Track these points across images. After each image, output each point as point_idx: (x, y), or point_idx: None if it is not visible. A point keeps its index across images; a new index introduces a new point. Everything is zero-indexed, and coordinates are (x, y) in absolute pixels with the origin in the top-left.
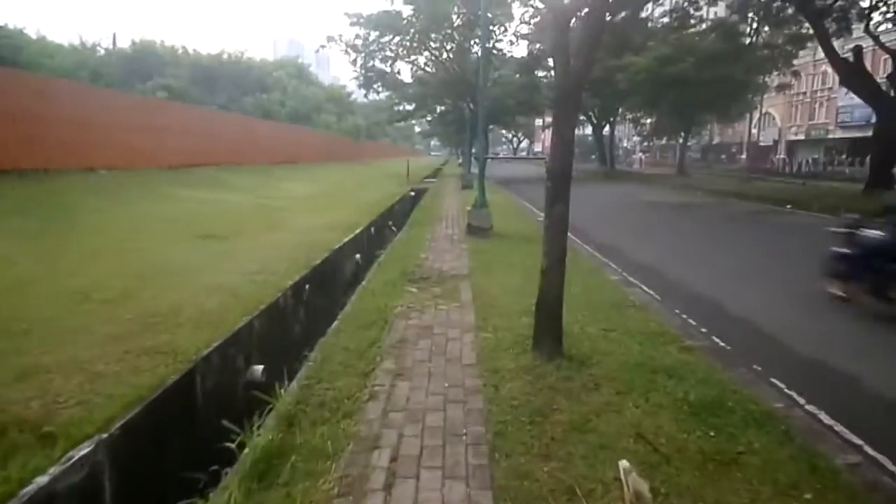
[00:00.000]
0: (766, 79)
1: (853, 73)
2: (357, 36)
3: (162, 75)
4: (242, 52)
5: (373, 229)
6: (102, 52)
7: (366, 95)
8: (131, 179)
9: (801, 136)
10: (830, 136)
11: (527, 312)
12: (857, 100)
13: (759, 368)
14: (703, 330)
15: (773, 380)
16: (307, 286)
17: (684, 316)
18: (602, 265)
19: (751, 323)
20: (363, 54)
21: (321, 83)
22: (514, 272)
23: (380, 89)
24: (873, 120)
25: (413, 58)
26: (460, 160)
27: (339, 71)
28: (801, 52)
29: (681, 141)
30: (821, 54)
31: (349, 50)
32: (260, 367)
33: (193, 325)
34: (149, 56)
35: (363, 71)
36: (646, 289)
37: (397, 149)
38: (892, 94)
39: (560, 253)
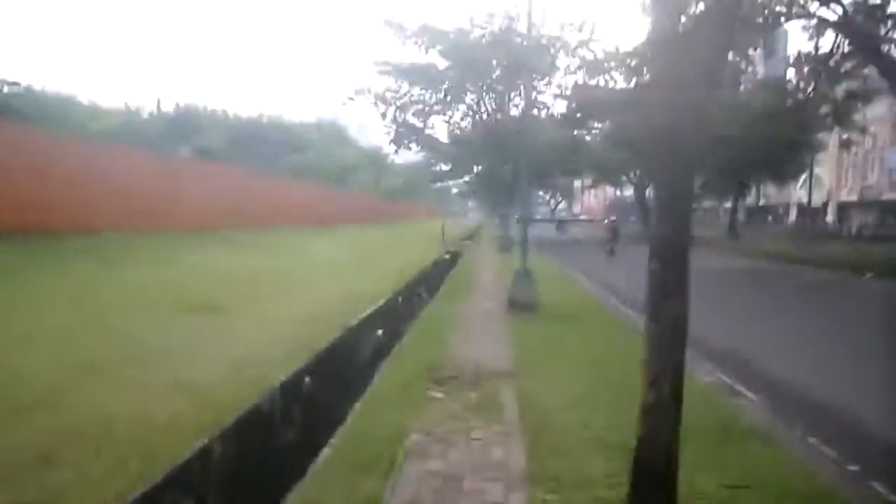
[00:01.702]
0: (821, 136)
1: None
2: (387, 89)
3: (202, 137)
4: (281, 114)
5: (400, 298)
6: (146, 115)
7: (396, 152)
8: (139, 242)
9: (854, 198)
10: (884, 196)
11: (603, 445)
12: None
13: None
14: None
15: None
16: (306, 379)
17: (828, 450)
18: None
19: None
20: (393, 107)
21: (358, 145)
22: (572, 368)
23: (412, 146)
24: None
25: (448, 113)
26: (497, 221)
27: (378, 136)
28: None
29: (730, 202)
30: (871, 112)
31: (378, 102)
32: None
33: (116, 457)
34: (190, 118)
35: (394, 126)
36: (750, 395)
37: (435, 210)
38: None
39: (675, 378)
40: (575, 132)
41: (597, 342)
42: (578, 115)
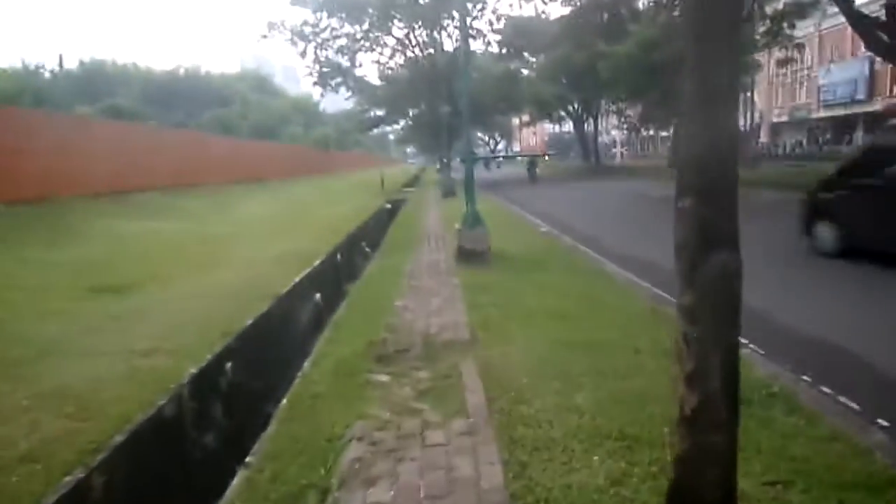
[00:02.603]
0: (758, 56)
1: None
2: (305, 22)
3: (112, 95)
4: (199, 66)
5: (339, 255)
6: (48, 74)
7: (322, 95)
8: (36, 212)
9: (784, 118)
10: (814, 115)
11: (596, 437)
12: (838, 77)
13: None
14: None
15: None
16: (220, 372)
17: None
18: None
19: None
20: (314, 44)
21: (287, 95)
22: (540, 329)
23: (339, 88)
24: (858, 97)
25: (377, 49)
26: (438, 166)
27: (308, 84)
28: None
29: (671, 130)
30: (798, 32)
31: (295, 39)
32: None
33: None
34: (98, 76)
35: (317, 66)
36: (756, 348)
37: (372, 158)
38: None
39: (727, 369)
40: (511, 66)
41: (561, 293)
42: (512, 47)
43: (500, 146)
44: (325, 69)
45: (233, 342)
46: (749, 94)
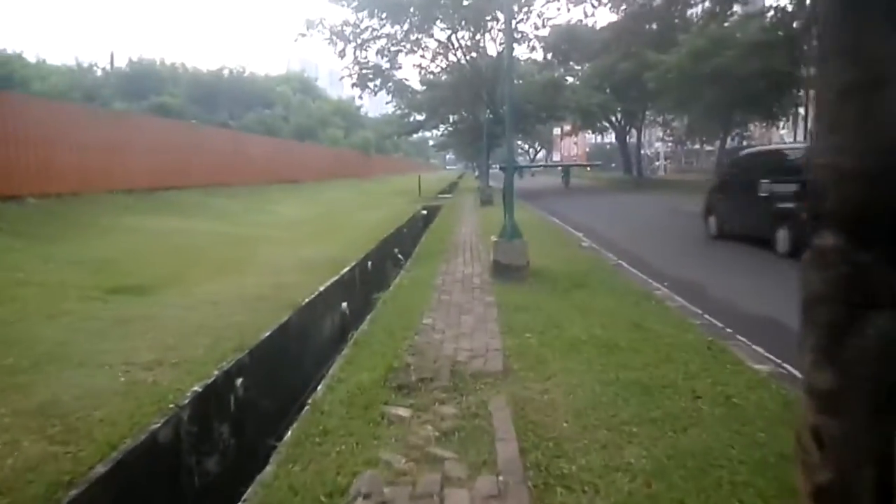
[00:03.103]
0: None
1: None
2: (345, 22)
3: (159, 94)
4: (244, 67)
5: (370, 263)
6: (99, 72)
7: (360, 96)
8: (66, 207)
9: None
10: None
11: None
12: None
13: None
14: None
15: None
16: (233, 389)
17: None
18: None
19: None
20: (353, 44)
21: (329, 97)
22: (584, 360)
23: (378, 90)
24: None
25: (418, 52)
26: (476, 173)
27: (350, 88)
28: None
29: (717, 144)
30: None
31: (334, 38)
32: None
33: None
34: (147, 75)
35: (356, 66)
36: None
37: (411, 163)
38: None
39: (886, 469)
40: (555, 74)
41: (607, 318)
42: (557, 54)
43: (540, 155)
44: (364, 70)
45: (244, 358)
46: (805, 109)
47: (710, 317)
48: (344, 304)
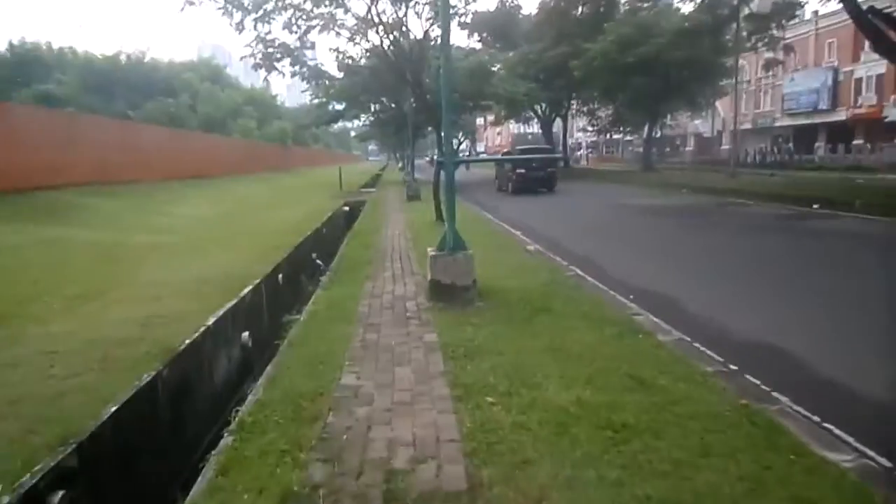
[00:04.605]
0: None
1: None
2: None
3: (46, 82)
4: (144, 52)
5: (281, 276)
6: None
7: (265, 79)
8: None
9: (748, 126)
10: (777, 123)
11: None
12: (802, 86)
13: None
14: None
15: None
16: None
17: None
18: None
19: None
20: (252, 16)
21: (241, 86)
22: (588, 462)
23: (288, 73)
24: (820, 106)
25: (332, 29)
26: (400, 164)
27: (272, 78)
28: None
29: (644, 134)
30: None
31: (230, 8)
32: None
33: None
34: (32, 60)
35: (259, 44)
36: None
37: (332, 155)
38: None
39: None
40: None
41: (591, 365)
42: (485, 38)
43: (463, 146)
44: (269, 49)
45: (68, 459)
46: (734, 98)
47: (714, 351)
48: (245, 335)
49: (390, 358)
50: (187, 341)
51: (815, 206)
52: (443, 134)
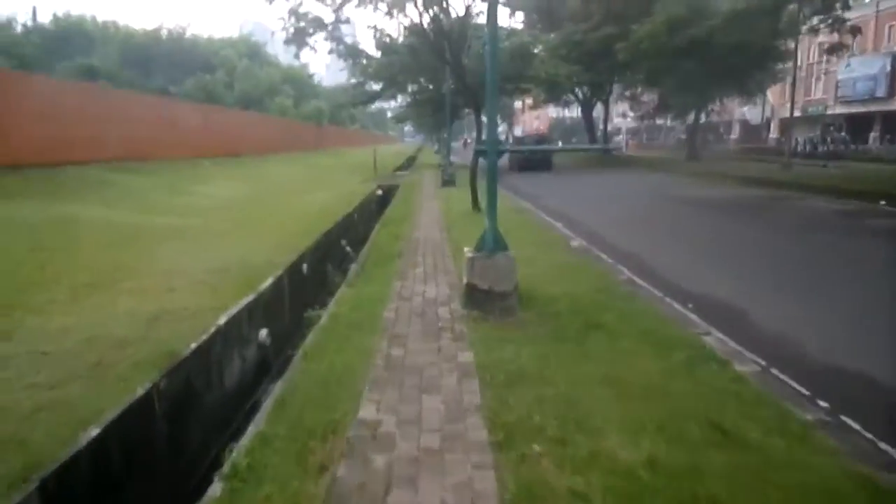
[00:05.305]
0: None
1: None
2: None
3: (87, 55)
4: (185, 28)
5: (305, 266)
6: (19, 28)
7: (296, 55)
8: None
9: (797, 113)
10: (829, 111)
11: None
12: (858, 72)
13: None
14: None
15: None
16: None
17: None
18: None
19: None
20: None
21: (279, 64)
22: None
23: (325, 49)
24: (877, 94)
25: (368, 3)
26: (436, 147)
27: (310, 57)
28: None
29: (690, 120)
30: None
31: None
32: None
33: None
34: (74, 33)
35: (291, 18)
36: None
37: (368, 135)
38: None
39: None
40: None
41: (663, 406)
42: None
43: (500, 129)
44: (301, 24)
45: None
46: (793, 83)
47: (803, 386)
48: (263, 333)
49: (417, 383)
50: (193, 346)
51: (882, 202)
52: (484, 119)
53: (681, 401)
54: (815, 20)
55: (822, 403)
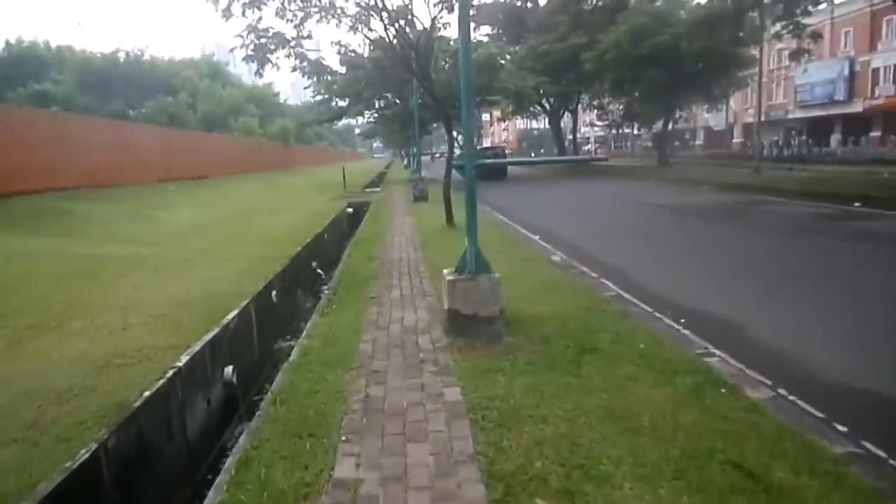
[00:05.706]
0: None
1: None
2: None
3: (42, 81)
4: (143, 49)
5: (274, 293)
6: None
7: (257, 73)
8: None
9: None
10: (790, 116)
11: None
12: (816, 77)
13: None
14: None
15: None
16: None
17: None
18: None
19: None
20: (241, 2)
21: (243, 84)
22: None
23: (280, 63)
24: (836, 97)
25: (332, 18)
26: (405, 162)
27: (275, 76)
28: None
29: (657, 128)
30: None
31: None
32: None
33: None
34: (29, 59)
35: (250, 34)
36: None
37: (336, 153)
38: None
39: None
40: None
41: (673, 443)
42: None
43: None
44: (261, 39)
45: None
46: (758, 90)
47: (841, 425)
48: (229, 370)
49: (401, 429)
50: (147, 394)
51: (856, 203)
52: (455, 133)
53: (695, 436)
54: (777, 26)
55: (841, 428)
